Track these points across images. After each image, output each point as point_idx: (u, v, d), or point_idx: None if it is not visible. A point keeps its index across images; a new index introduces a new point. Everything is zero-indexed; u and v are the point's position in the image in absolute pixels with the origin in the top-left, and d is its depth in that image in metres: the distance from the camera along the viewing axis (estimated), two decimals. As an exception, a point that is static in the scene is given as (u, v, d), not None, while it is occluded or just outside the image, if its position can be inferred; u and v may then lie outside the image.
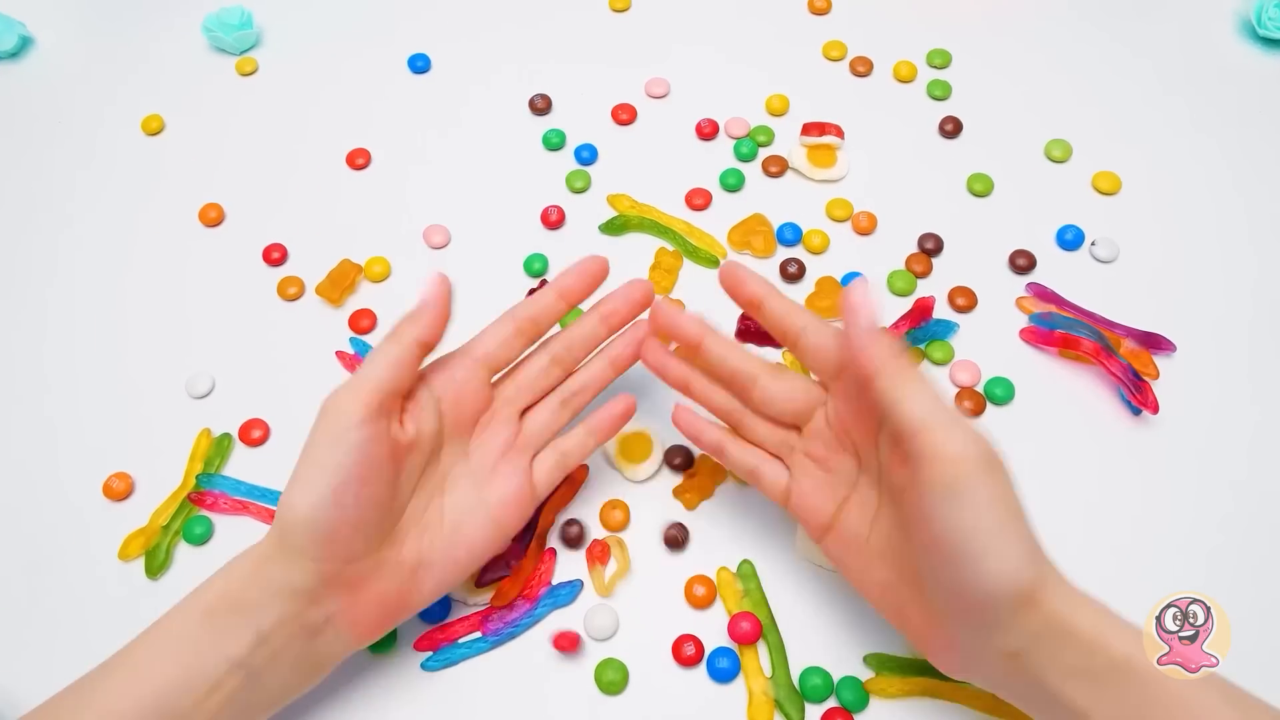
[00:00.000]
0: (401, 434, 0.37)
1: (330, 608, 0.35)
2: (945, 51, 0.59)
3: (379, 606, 0.37)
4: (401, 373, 0.36)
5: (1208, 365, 0.49)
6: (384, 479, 0.36)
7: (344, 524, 0.34)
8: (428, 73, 0.60)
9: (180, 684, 0.33)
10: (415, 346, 0.37)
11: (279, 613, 0.35)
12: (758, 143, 0.56)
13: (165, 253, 0.54)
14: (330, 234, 0.54)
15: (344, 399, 0.35)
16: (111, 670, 0.34)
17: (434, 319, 0.37)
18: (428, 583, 0.38)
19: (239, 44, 0.61)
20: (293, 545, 0.35)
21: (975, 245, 0.53)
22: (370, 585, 0.36)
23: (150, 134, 0.58)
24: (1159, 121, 0.57)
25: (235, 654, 0.34)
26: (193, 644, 0.34)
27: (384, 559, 0.36)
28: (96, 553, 0.45)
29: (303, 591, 0.35)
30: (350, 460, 0.34)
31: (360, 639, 0.37)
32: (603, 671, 0.41)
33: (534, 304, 0.40)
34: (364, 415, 0.35)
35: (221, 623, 0.34)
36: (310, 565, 0.35)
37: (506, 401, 0.41)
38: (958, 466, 0.31)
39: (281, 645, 0.35)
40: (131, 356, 0.51)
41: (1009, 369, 0.49)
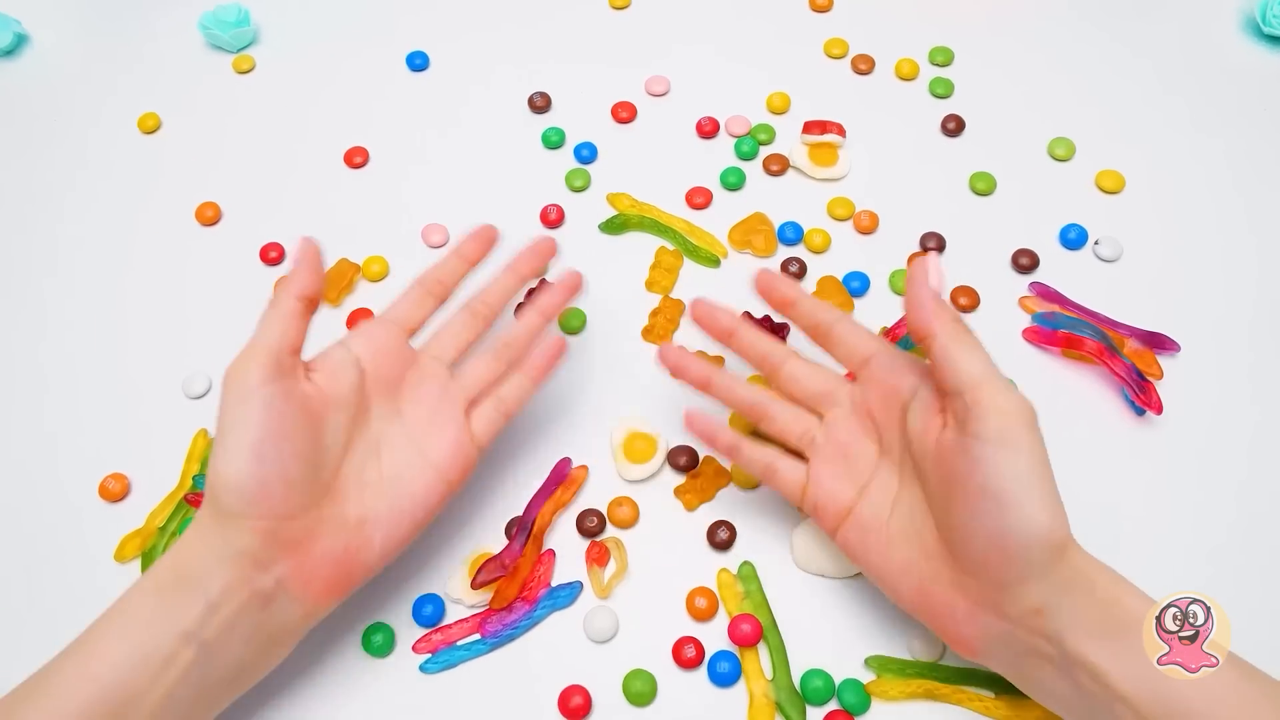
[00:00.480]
0: (310, 388, 0.38)
1: (278, 571, 0.36)
2: (947, 49, 0.59)
3: (329, 565, 0.37)
4: (289, 329, 0.38)
5: (1212, 365, 0.48)
6: (303, 433, 0.36)
7: (271, 479, 0.35)
8: (426, 70, 0.60)
9: (133, 661, 0.34)
10: (296, 301, 0.38)
11: (225, 579, 0.35)
12: (759, 141, 0.56)
13: (162, 252, 0.54)
14: (328, 233, 0.54)
15: (240, 365, 0.36)
16: (67, 655, 0.35)
17: (308, 272, 0.39)
18: (376, 537, 0.38)
19: (236, 41, 0.61)
20: (226, 509, 0.35)
21: (977, 244, 0.53)
22: (316, 543, 0.37)
23: (147, 132, 0.58)
24: (1163, 120, 0.57)
25: (186, 626, 0.34)
26: (144, 620, 0.35)
27: (325, 515, 0.37)
28: (92, 554, 0.45)
29: (246, 553, 0.35)
30: (260, 417, 0.35)
31: (316, 602, 0.37)
32: (631, 682, 0.41)
33: (438, 267, 0.44)
34: (262, 376, 0.36)
35: (170, 596, 0.35)
36: (246, 524, 0.35)
37: (434, 359, 0.42)
38: (1010, 419, 0.34)
39: (233, 614, 0.35)
40: (128, 356, 0.51)
41: (1012, 369, 0.48)
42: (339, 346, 0.40)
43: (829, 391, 0.41)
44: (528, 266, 0.45)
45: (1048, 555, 0.33)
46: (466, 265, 0.44)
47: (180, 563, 0.36)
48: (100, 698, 0.33)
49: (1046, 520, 0.33)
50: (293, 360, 0.38)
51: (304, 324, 0.38)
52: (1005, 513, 0.33)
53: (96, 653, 0.34)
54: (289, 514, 0.36)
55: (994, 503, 0.33)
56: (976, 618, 0.36)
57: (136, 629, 0.34)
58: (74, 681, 0.33)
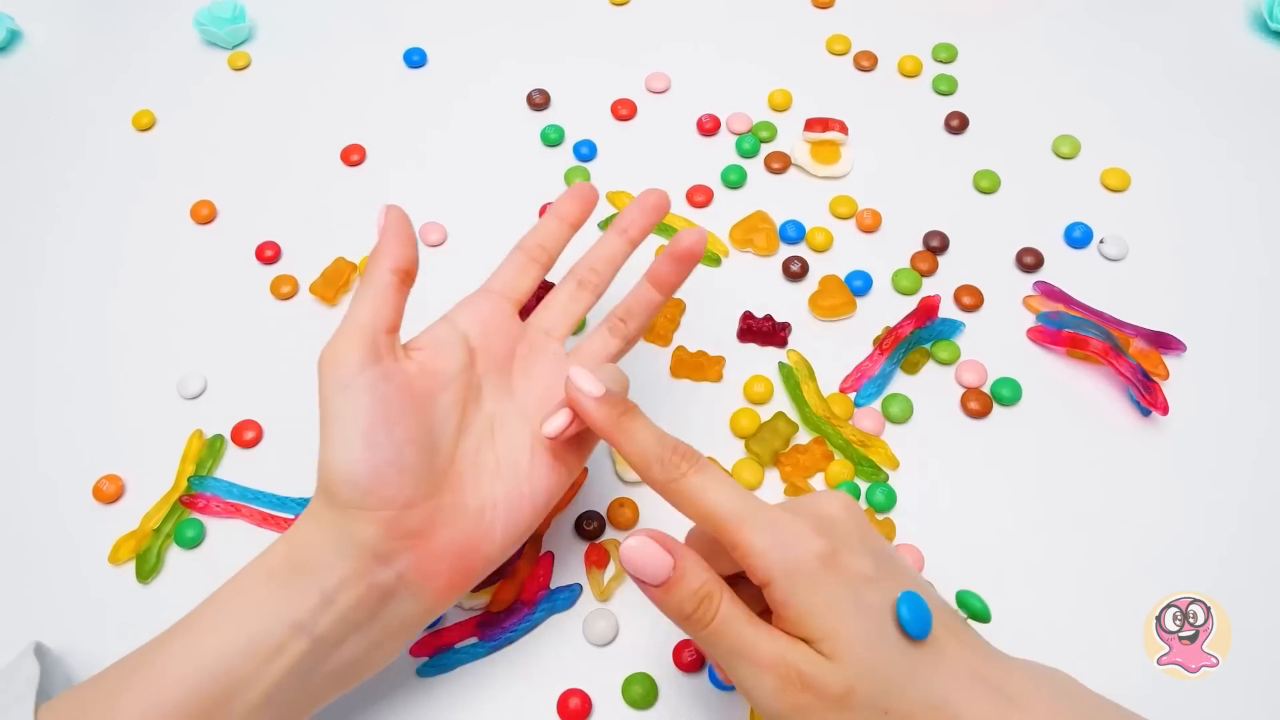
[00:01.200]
0: (413, 368, 0.36)
1: (399, 564, 0.34)
2: (951, 46, 0.59)
3: (451, 556, 0.35)
4: (385, 307, 0.36)
5: (1218, 365, 0.48)
6: (412, 416, 0.35)
7: (385, 466, 0.34)
8: (424, 67, 0.60)
9: (241, 647, 0.32)
10: (390, 275, 0.36)
11: (344, 571, 0.33)
12: (760, 139, 0.56)
13: (156, 250, 0.54)
14: (324, 231, 0.54)
15: (335, 348, 0.35)
16: (173, 635, 0.34)
17: (399, 243, 0.37)
18: (497, 525, 0.36)
19: (231, 38, 0.61)
20: (342, 501, 0.34)
21: (982, 243, 0.52)
22: (437, 533, 0.35)
23: (141, 130, 0.58)
24: (1169, 117, 0.57)
25: (298, 617, 0.33)
26: (255, 606, 0.33)
27: (444, 504, 0.35)
28: (86, 557, 0.45)
29: (367, 546, 0.34)
30: (366, 403, 0.34)
31: (436, 597, 0.35)
32: (631, 685, 0.41)
33: (537, 230, 0.41)
34: (360, 359, 0.34)
35: (284, 584, 0.33)
36: (366, 515, 0.33)
37: (543, 332, 0.40)
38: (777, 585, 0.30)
39: (349, 608, 0.34)
40: (122, 356, 0.51)
41: (1016, 369, 0.48)
42: (444, 323, 0.39)
43: None
44: (638, 229, 0.41)
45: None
46: (568, 228, 0.41)
47: (296, 551, 0.34)
48: (206, 681, 0.32)
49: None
50: (390, 340, 0.36)
51: (401, 300, 0.36)
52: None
53: (205, 636, 0.33)
54: (408, 502, 0.34)
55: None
56: None
57: (248, 615, 0.33)
58: (180, 662, 0.33)
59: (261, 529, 0.45)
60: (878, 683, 0.30)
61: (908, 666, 0.30)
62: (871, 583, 0.31)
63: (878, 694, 0.30)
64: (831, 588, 0.30)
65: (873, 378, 0.48)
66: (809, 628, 0.30)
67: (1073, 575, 0.43)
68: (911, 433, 0.47)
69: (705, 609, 0.31)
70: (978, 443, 0.47)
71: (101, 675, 0.34)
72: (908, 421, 0.47)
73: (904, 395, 0.48)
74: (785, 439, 0.46)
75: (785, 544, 0.31)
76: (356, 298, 0.36)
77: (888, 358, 0.48)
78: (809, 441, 0.47)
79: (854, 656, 0.30)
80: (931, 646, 0.31)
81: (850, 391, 0.48)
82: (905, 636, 0.30)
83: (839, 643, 0.30)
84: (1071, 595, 0.43)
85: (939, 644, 0.31)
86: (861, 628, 0.30)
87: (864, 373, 0.48)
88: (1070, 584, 0.43)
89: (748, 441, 0.47)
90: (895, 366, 0.48)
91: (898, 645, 0.30)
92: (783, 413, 0.47)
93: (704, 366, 0.49)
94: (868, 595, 0.31)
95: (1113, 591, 0.43)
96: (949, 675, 0.30)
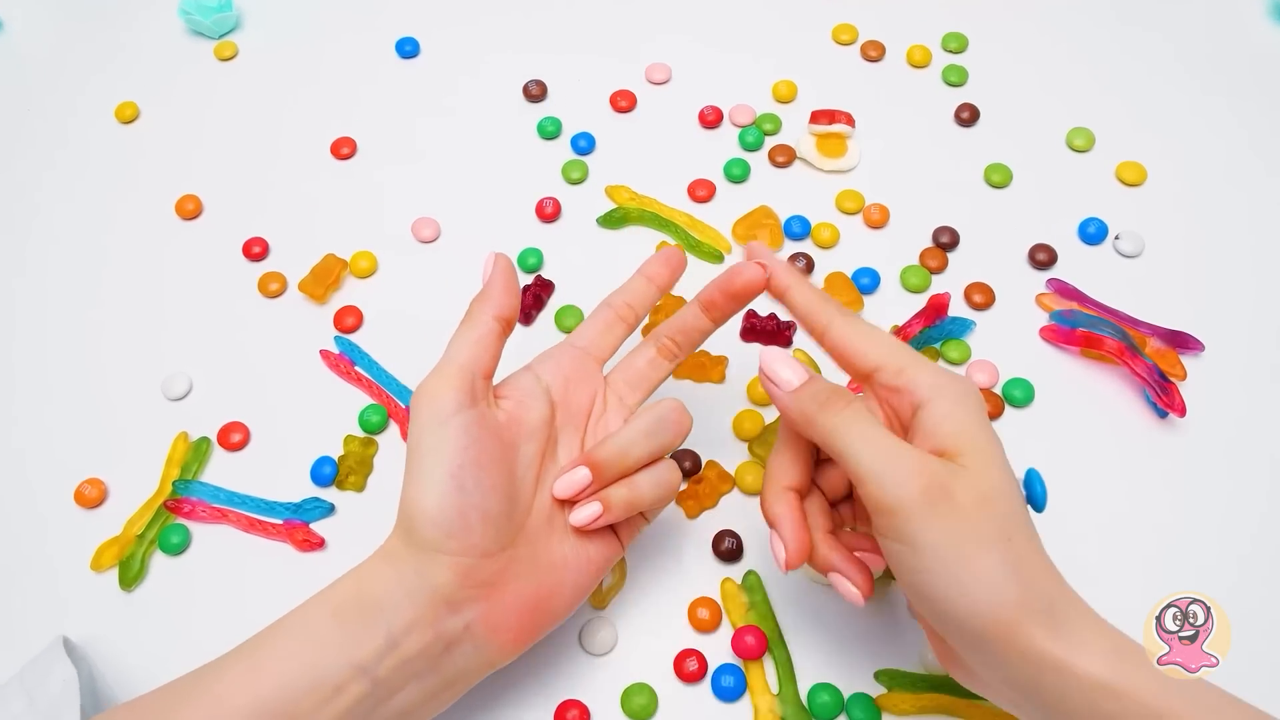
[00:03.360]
0: (503, 416, 0.37)
1: (468, 614, 0.35)
2: (961, 35, 0.59)
3: (520, 611, 0.36)
4: (484, 352, 0.37)
5: (1237, 366, 0.48)
6: (499, 464, 0.36)
7: (470, 510, 0.34)
8: (416, 58, 0.60)
9: (301, 684, 0.33)
10: (492, 323, 0.37)
11: (412, 615, 0.34)
12: (764, 131, 0.56)
13: (140, 247, 0.54)
14: (314, 228, 0.54)
15: (434, 385, 0.36)
16: (232, 663, 0.34)
17: (503, 292, 0.38)
18: (566, 583, 0.37)
19: (218, 27, 0.61)
20: (422, 541, 0.34)
21: (993, 239, 0.52)
22: (508, 585, 0.35)
23: (124, 122, 0.58)
24: (1186, 109, 0.57)
25: (361, 659, 0.33)
26: (318, 643, 0.34)
27: (518, 556, 0.36)
28: (68, 563, 0.45)
29: (440, 591, 0.34)
30: (459, 445, 0.35)
31: (501, 650, 0.36)
32: (631, 696, 0.41)
33: (625, 289, 0.42)
34: (459, 400, 0.35)
35: (350, 623, 0.34)
36: (444, 560, 0.34)
37: (618, 397, 0.41)
38: (894, 518, 0.32)
39: (413, 655, 0.34)
40: (105, 356, 0.51)
41: (1029, 369, 0.49)
42: (527, 373, 0.39)
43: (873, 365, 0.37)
44: (720, 311, 0.41)
45: (990, 642, 0.32)
46: (655, 290, 0.42)
47: (365, 589, 0.35)
48: (263, 713, 0.32)
49: (971, 610, 0.31)
50: (485, 385, 0.37)
51: (499, 347, 0.38)
52: (924, 606, 0.33)
53: (266, 667, 0.33)
54: (486, 551, 0.35)
55: (914, 594, 0.33)
56: (964, 671, 0.35)
57: (310, 651, 0.33)
58: (239, 692, 0.33)
59: (249, 534, 0.45)
60: (1011, 505, 0.33)
61: (1024, 517, 0.33)
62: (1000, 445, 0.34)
63: (1009, 514, 0.33)
64: (982, 422, 0.34)
65: (880, 378, 0.48)
66: (956, 442, 0.33)
67: (1087, 583, 0.43)
68: (920, 435, 0.47)
69: (840, 397, 0.35)
70: (989, 445, 0.47)
71: (154, 695, 0.34)
72: (917, 423, 0.47)
73: (913, 396, 0.48)
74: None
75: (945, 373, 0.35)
76: (457, 338, 0.37)
77: (896, 358, 0.48)
78: (815, 444, 0.47)
79: (996, 477, 0.33)
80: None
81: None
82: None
83: (984, 457, 0.33)
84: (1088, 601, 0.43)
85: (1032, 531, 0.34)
86: (1003, 461, 0.34)
87: (871, 373, 0.48)
88: (1085, 592, 0.43)
89: (751, 444, 0.47)
90: (904, 367, 0.48)
91: (1020, 499, 0.34)
92: None
93: (706, 367, 0.49)
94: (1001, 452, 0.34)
95: (1129, 599, 0.43)
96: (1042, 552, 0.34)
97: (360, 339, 0.51)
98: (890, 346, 0.36)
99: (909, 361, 0.35)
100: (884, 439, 0.33)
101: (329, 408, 0.48)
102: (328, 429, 0.48)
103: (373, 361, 0.50)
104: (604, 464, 0.37)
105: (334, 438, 0.48)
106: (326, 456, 0.47)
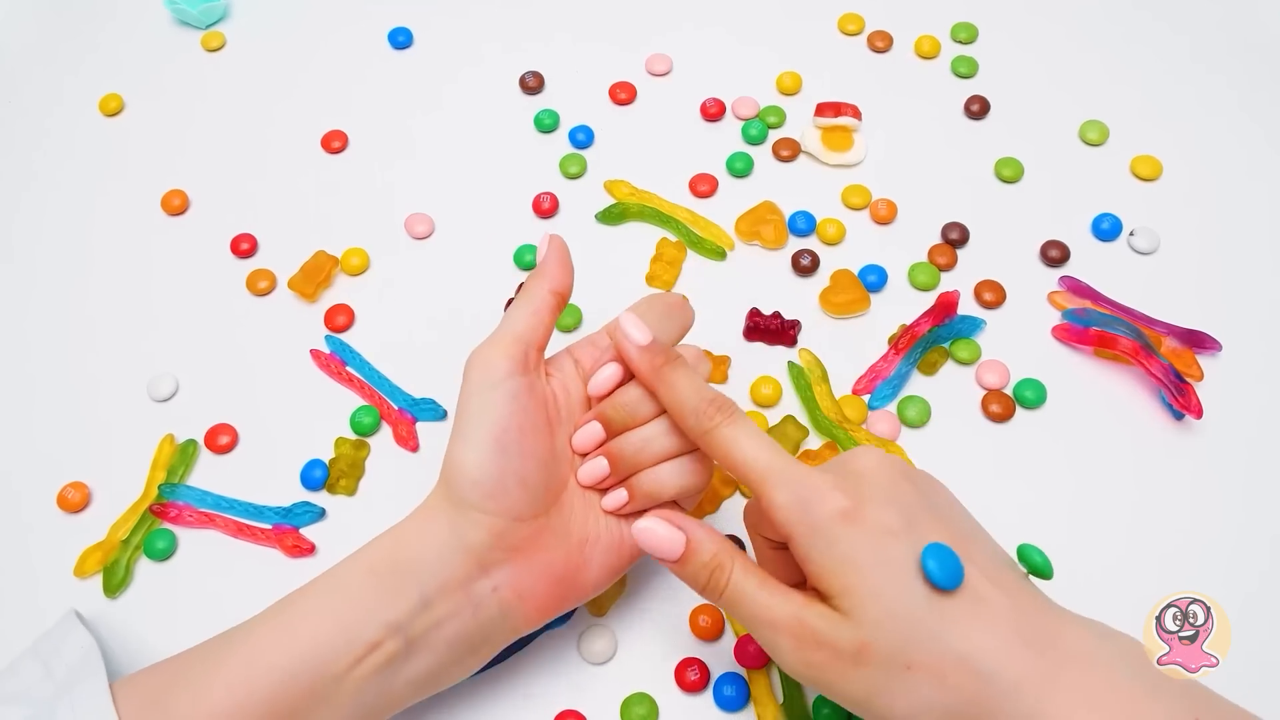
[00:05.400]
0: (549, 391, 0.39)
1: (498, 577, 0.37)
2: (971, 25, 0.59)
3: (547, 579, 0.38)
4: (539, 324, 0.38)
5: (1255, 366, 0.48)
6: (541, 433, 0.38)
7: (509, 475, 0.36)
8: (410, 48, 0.60)
9: (336, 642, 0.35)
10: (549, 296, 0.39)
11: (446, 575, 0.36)
12: (768, 124, 0.56)
13: (125, 243, 0.54)
14: (304, 223, 0.54)
15: (489, 352, 0.37)
16: (263, 622, 0.36)
17: (559, 268, 0.39)
18: (594, 560, 0.38)
19: (205, 17, 0.61)
20: (461, 499, 0.36)
21: (1004, 235, 0.52)
22: (538, 553, 0.37)
23: (109, 115, 0.58)
24: (1202, 101, 0.57)
25: (395, 618, 0.35)
26: (353, 601, 0.35)
27: (550, 526, 0.38)
28: (50, 569, 0.45)
29: (474, 549, 0.36)
30: (506, 410, 0.36)
31: (526, 617, 0.38)
32: (631, 706, 0.41)
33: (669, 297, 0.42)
34: (510, 367, 0.37)
35: (386, 583, 0.36)
36: (480, 519, 0.36)
37: None
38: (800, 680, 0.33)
39: (444, 615, 0.36)
40: (88, 356, 0.51)
41: (1040, 370, 0.49)
42: (566, 356, 0.41)
43: None
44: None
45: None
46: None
47: (399, 550, 0.37)
48: (300, 672, 0.34)
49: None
50: (538, 357, 0.39)
51: (552, 321, 0.39)
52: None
53: (299, 625, 0.35)
54: (520, 515, 0.37)
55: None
56: None
57: (346, 609, 0.35)
58: (274, 650, 0.35)
59: (237, 540, 0.45)
60: (897, 637, 0.31)
61: (935, 619, 0.31)
62: (895, 536, 0.32)
63: (897, 649, 0.31)
64: (849, 543, 0.32)
65: (888, 379, 0.48)
66: (826, 584, 0.32)
67: (1102, 588, 0.43)
68: (929, 437, 0.47)
69: (718, 578, 0.34)
70: (999, 448, 0.47)
71: (185, 655, 0.36)
72: (925, 425, 0.47)
73: (921, 398, 0.48)
74: (795, 444, 0.46)
75: (805, 500, 0.33)
76: (513, 310, 0.39)
77: (904, 358, 0.48)
78: (820, 447, 0.47)
79: (870, 611, 0.31)
80: (968, 599, 0.31)
81: (864, 393, 0.48)
82: (933, 588, 0.31)
83: (854, 598, 0.31)
84: (1103, 610, 0.43)
85: (979, 596, 0.31)
86: (879, 582, 0.31)
87: (878, 374, 0.48)
88: (1101, 598, 0.43)
89: (755, 447, 0.47)
90: (912, 367, 0.48)
91: (924, 598, 0.31)
92: (792, 416, 0.47)
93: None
94: (890, 549, 0.32)
95: (1143, 606, 0.43)
96: (986, 629, 0.31)
97: (352, 338, 0.51)
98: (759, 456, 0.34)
99: (762, 487, 0.34)
100: (763, 609, 0.33)
101: (319, 409, 0.48)
102: (318, 431, 0.48)
103: (364, 362, 0.50)
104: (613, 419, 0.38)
105: (324, 440, 0.48)
106: (317, 459, 0.47)
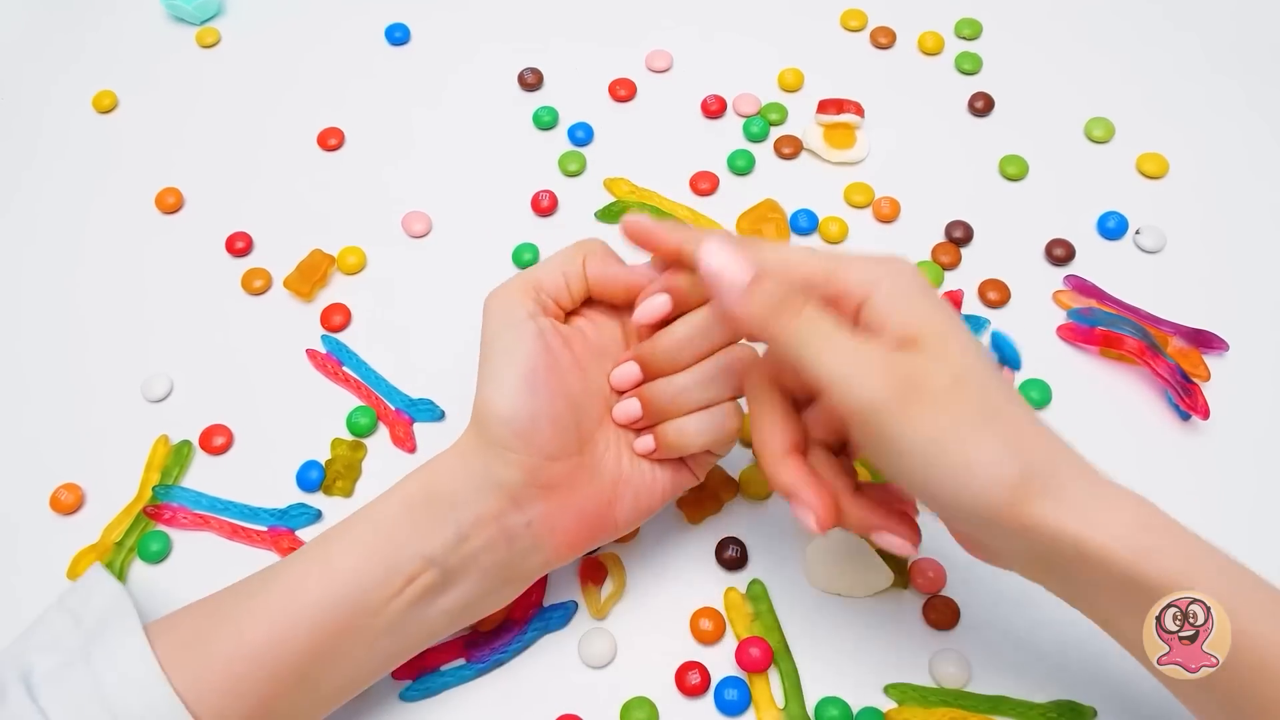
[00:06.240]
0: (576, 333, 0.39)
1: (531, 512, 0.37)
2: (975, 21, 0.59)
3: (579, 516, 0.39)
4: (562, 278, 0.39)
5: (1263, 366, 0.48)
6: (571, 372, 0.38)
7: (540, 413, 0.37)
8: (407, 45, 0.60)
9: (375, 574, 0.36)
10: (581, 260, 0.39)
11: (480, 509, 0.37)
12: (769, 121, 0.56)
13: (119, 242, 0.54)
14: (300, 222, 0.54)
15: (504, 292, 0.38)
16: (303, 557, 0.37)
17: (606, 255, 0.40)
18: (626, 499, 0.39)
19: (200, 13, 0.61)
20: (493, 438, 0.37)
21: (1008, 234, 0.52)
22: (571, 490, 0.38)
23: (102, 111, 0.58)
24: (1209, 98, 0.57)
25: (431, 550, 0.36)
26: (389, 536, 0.37)
27: (584, 463, 0.38)
28: (43, 572, 0.45)
29: (507, 486, 0.37)
30: (533, 349, 0.37)
31: (557, 552, 0.39)
32: (630, 711, 0.41)
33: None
34: (529, 308, 0.38)
35: (421, 516, 0.37)
36: (513, 458, 0.37)
37: None
38: (870, 425, 0.32)
39: (479, 547, 0.37)
40: (82, 356, 0.51)
41: (1045, 369, 0.48)
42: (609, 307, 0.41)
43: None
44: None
45: (997, 524, 0.32)
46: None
47: (434, 485, 0.38)
48: (339, 603, 0.36)
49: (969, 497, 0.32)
50: (555, 308, 0.39)
51: (577, 282, 0.39)
52: (930, 498, 0.33)
53: (336, 560, 0.36)
54: (552, 454, 0.37)
55: (911, 491, 0.35)
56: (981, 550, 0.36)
57: (383, 543, 0.36)
58: (313, 583, 0.36)
59: (232, 542, 0.45)
60: (985, 382, 0.32)
61: (1008, 388, 0.33)
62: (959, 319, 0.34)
63: (985, 395, 0.32)
64: (931, 300, 0.34)
65: (891, 379, 0.48)
66: (915, 330, 0.33)
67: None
68: (933, 438, 0.47)
69: (793, 302, 0.33)
70: (1004, 449, 0.47)
71: (222, 593, 0.37)
72: (929, 426, 0.47)
73: (924, 398, 0.48)
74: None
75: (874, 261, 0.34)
76: (542, 263, 0.39)
77: (907, 357, 0.48)
78: (822, 448, 0.47)
79: (959, 356, 0.32)
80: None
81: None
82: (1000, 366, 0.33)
83: (945, 343, 0.32)
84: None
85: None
86: (966, 338, 0.33)
87: (881, 374, 0.48)
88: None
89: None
90: (915, 367, 0.48)
91: (996, 369, 0.34)
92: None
93: (709, 367, 0.49)
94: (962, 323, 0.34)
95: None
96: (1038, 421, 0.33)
97: (348, 338, 0.51)
98: (808, 256, 0.35)
99: (833, 264, 0.35)
100: (845, 342, 0.33)
101: (315, 410, 0.48)
102: (314, 432, 0.48)
103: (361, 362, 0.50)
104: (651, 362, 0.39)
105: (321, 441, 0.48)
106: (313, 460, 0.47)
